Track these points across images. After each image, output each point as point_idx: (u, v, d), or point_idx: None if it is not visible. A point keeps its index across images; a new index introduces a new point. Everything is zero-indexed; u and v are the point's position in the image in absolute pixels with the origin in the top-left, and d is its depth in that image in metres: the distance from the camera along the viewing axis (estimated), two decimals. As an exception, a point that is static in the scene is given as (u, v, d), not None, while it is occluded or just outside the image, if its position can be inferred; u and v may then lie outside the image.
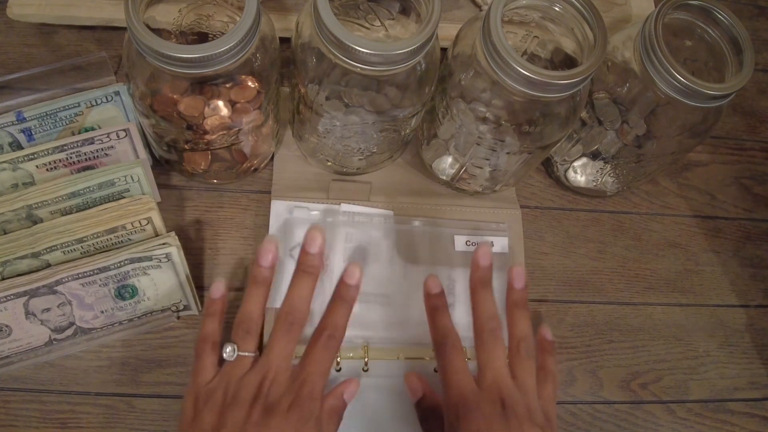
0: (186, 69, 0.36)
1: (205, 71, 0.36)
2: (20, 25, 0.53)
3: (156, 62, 0.35)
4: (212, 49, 0.35)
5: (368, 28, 0.44)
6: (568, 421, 0.48)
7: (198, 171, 0.48)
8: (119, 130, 0.46)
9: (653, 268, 0.55)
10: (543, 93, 0.38)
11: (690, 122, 0.46)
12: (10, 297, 0.41)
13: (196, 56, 0.35)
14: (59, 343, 0.44)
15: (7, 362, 0.43)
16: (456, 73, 0.42)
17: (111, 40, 0.54)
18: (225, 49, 0.35)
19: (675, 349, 0.52)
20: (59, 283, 0.42)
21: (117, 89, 0.48)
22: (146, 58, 0.36)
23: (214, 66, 0.36)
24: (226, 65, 0.36)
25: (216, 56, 0.35)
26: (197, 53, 0.35)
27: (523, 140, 0.43)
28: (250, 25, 0.35)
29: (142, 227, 0.44)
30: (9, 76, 0.49)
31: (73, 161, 0.46)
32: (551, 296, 0.52)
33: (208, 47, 0.35)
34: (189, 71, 0.36)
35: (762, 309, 0.55)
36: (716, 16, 0.43)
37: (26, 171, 0.45)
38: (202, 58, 0.35)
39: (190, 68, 0.36)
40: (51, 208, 0.44)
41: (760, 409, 0.52)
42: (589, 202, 0.57)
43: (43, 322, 0.42)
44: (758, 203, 0.60)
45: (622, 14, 0.58)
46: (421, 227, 0.51)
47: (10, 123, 0.46)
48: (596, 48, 0.38)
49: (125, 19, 0.35)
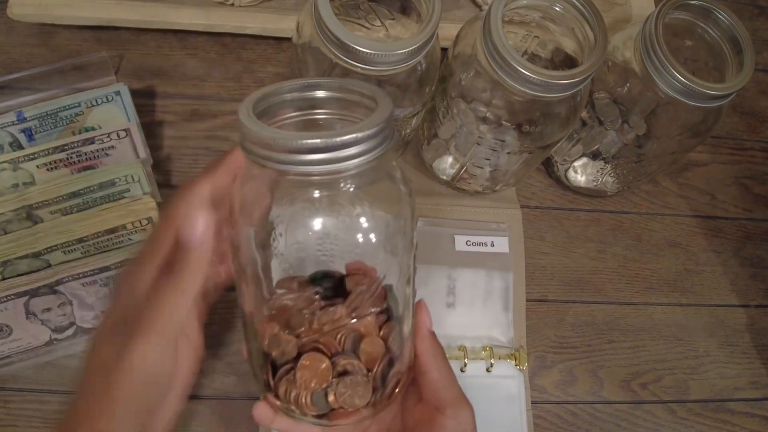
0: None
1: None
2: (20, 25, 0.53)
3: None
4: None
5: (368, 28, 0.44)
6: (568, 420, 0.48)
7: None
8: (119, 130, 0.46)
9: (653, 268, 0.55)
10: (543, 93, 0.38)
11: (690, 122, 0.46)
12: (11, 297, 0.41)
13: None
14: (60, 343, 0.44)
15: (8, 362, 0.43)
16: (456, 73, 0.42)
17: (111, 40, 0.54)
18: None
19: (675, 349, 0.52)
20: (60, 283, 0.42)
21: (117, 89, 0.48)
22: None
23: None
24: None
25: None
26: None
27: (524, 140, 0.43)
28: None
29: (143, 227, 0.44)
30: (9, 76, 0.49)
31: (73, 161, 0.46)
32: (551, 296, 0.52)
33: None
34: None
35: (762, 309, 0.55)
36: (716, 16, 0.43)
37: (27, 171, 0.45)
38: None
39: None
40: (51, 208, 0.44)
41: (760, 409, 0.52)
42: (589, 202, 0.57)
43: (44, 322, 0.42)
44: (758, 203, 0.60)
45: (622, 14, 0.58)
46: (421, 227, 0.51)
47: (10, 123, 0.46)
48: (596, 48, 0.38)
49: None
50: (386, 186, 0.29)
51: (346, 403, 0.30)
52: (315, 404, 0.30)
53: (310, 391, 0.30)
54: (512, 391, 0.47)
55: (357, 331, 0.31)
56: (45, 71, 0.49)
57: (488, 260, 0.51)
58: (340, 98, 0.29)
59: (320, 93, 0.29)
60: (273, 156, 0.24)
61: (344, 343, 0.31)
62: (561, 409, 0.49)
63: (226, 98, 0.54)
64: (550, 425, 0.48)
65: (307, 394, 0.30)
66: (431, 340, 0.33)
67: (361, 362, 0.30)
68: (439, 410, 0.31)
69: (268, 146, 0.24)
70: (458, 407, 0.31)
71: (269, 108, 0.28)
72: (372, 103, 0.27)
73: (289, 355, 0.30)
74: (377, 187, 0.28)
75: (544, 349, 0.50)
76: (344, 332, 0.31)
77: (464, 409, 0.32)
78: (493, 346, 0.48)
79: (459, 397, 0.32)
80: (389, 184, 0.29)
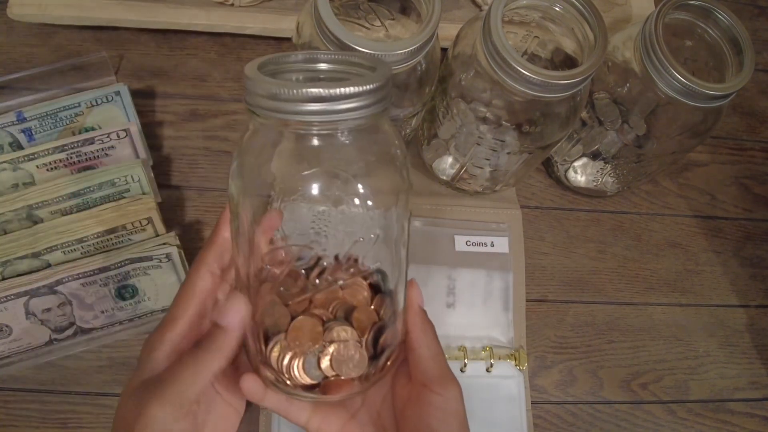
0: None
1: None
2: (20, 25, 0.53)
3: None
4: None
5: (368, 28, 0.44)
6: (568, 421, 0.48)
7: None
8: (119, 130, 0.46)
9: (653, 268, 0.55)
10: (543, 93, 0.38)
11: (690, 122, 0.46)
12: (11, 297, 0.41)
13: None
14: (59, 343, 0.44)
15: (8, 362, 0.43)
16: (456, 73, 0.42)
17: (111, 40, 0.54)
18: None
19: (675, 349, 0.52)
20: (59, 283, 0.42)
21: (117, 89, 0.48)
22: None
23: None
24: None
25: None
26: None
27: (524, 140, 0.43)
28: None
29: (143, 227, 0.44)
30: (9, 76, 0.49)
31: (73, 161, 0.46)
32: (551, 296, 0.52)
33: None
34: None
35: (762, 309, 0.55)
36: (716, 16, 0.43)
37: (27, 171, 0.45)
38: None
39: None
40: (51, 208, 0.44)
41: (760, 409, 0.52)
42: (589, 202, 0.57)
43: (44, 322, 0.42)
44: (758, 203, 0.60)
45: (622, 14, 0.58)
46: (421, 227, 0.51)
47: (10, 123, 0.46)
48: (596, 48, 0.38)
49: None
50: (382, 169, 0.30)
51: (340, 370, 0.30)
52: (307, 372, 0.30)
53: (303, 354, 0.30)
54: (512, 391, 0.47)
55: (349, 303, 0.31)
56: (45, 71, 0.49)
57: (488, 260, 0.51)
58: (341, 71, 0.31)
59: (322, 65, 0.30)
60: (278, 106, 0.25)
61: (336, 312, 0.31)
62: (561, 410, 0.49)
63: (226, 98, 0.54)
64: (550, 425, 0.48)
65: (300, 360, 0.30)
66: (421, 316, 0.33)
67: (354, 329, 0.31)
68: (427, 386, 0.31)
69: (274, 95, 0.25)
70: (445, 383, 0.31)
71: (272, 74, 0.29)
72: (371, 72, 0.29)
73: (282, 326, 0.31)
74: (373, 168, 0.30)
75: (544, 349, 0.50)
76: (337, 303, 0.31)
77: (451, 385, 0.31)
78: (493, 347, 0.48)
79: (445, 374, 0.32)
80: (386, 168, 0.30)
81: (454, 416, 0.31)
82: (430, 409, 0.31)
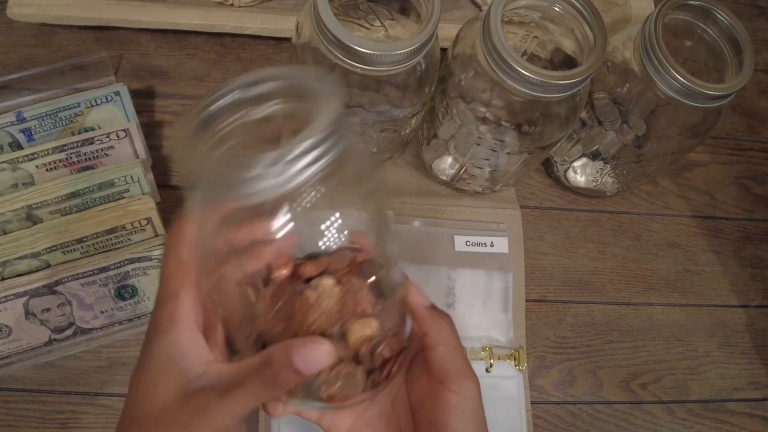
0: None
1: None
2: (20, 25, 0.53)
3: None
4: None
5: (368, 28, 0.44)
6: (568, 421, 0.48)
7: None
8: (119, 131, 0.46)
9: (653, 268, 0.55)
10: (543, 93, 0.38)
11: (690, 122, 0.46)
12: (10, 297, 0.41)
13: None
14: (59, 344, 0.44)
15: (7, 362, 0.43)
16: (456, 74, 0.42)
17: (111, 40, 0.54)
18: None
19: (675, 349, 0.52)
20: (59, 284, 0.42)
21: (117, 89, 0.48)
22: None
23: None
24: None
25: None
26: None
27: (523, 140, 0.43)
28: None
29: (142, 227, 0.44)
30: (9, 76, 0.49)
31: (73, 161, 0.46)
32: (551, 296, 0.52)
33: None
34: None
35: (762, 309, 0.55)
36: (716, 17, 0.43)
37: (26, 171, 0.45)
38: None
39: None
40: (51, 209, 0.44)
41: (760, 409, 0.52)
42: (589, 202, 0.57)
43: (43, 322, 0.42)
44: (758, 203, 0.60)
45: (622, 14, 0.58)
46: (421, 227, 0.51)
47: (10, 123, 0.46)
48: (596, 48, 0.38)
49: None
50: (348, 188, 0.28)
51: (339, 395, 0.30)
52: (305, 395, 0.30)
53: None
54: (512, 391, 0.47)
55: (347, 310, 0.30)
56: (45, 71, 0.49)
57: (488, 261, 0.51)
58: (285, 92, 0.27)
59: (264, 88, 0.28)
60: (267, 185, 0.22)
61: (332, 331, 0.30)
62: (560, 410, 0.49)
63: (225, 98, 0.54)
64: (549, 426, 0.48)
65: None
66: (432, 315, 0.32)
67: (347, 345, 0.30)
68: (444, 384, 0.31)
69: (262, 175, 0.22)
70: (463, 380, 0.31)
71: (209, 118, 0.27)
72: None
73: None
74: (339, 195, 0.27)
75: (544, 349, 0.50)
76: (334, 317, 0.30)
77: (469, 382, 0.31)
78: (493, 347, 0.48)
79: (463, 370, 0.31)
80: (352, 185, 0.28)
81: (471, 416, 0.31)
82: (447, 408, 0.31)
